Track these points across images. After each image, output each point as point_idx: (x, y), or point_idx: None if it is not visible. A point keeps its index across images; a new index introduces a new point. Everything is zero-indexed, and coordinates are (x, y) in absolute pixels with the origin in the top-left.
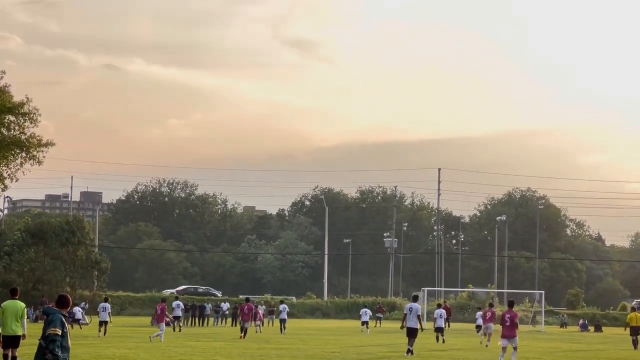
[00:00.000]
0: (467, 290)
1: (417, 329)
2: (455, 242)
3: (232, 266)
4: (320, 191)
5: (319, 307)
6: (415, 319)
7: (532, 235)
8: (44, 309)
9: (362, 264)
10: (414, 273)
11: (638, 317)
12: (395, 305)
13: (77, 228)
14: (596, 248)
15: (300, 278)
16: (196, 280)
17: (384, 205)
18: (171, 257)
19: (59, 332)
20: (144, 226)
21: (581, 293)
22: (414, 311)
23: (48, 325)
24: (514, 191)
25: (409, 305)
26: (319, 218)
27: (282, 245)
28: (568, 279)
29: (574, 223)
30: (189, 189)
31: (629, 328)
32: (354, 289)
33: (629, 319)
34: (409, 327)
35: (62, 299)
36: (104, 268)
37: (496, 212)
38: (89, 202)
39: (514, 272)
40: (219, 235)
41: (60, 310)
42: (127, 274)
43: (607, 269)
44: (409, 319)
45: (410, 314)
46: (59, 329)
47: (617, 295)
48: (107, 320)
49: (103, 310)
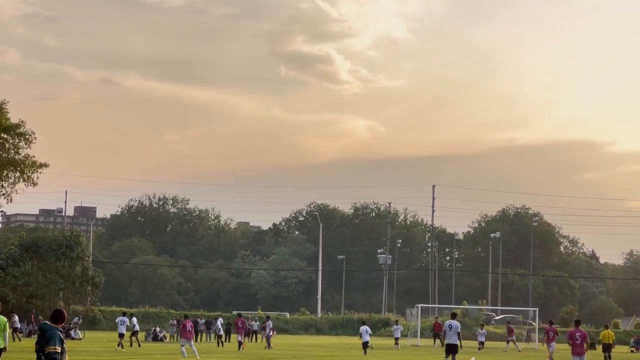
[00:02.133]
0: (461, 307)
1: (457, 346)
2: (449, 259)
3: (225, 282)
4: (315, 207)
5: (313, 323)
6: (455, 336)
7: (526, 252)
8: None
9: (355, 280)
10: (407, 290)
11: (610, 334)
12: (388, 322)
13: (74, 243)
14: (590, 265)
15: (294, 294)
16: (190, 296)
17: (378, 221)
18: (165, 272)
19: (59, 350)
20: (137, 241)
21: (575, 310)
22: (453, 328)
23: (47, 342)
24: (508, 208)
25: (449, 322)
26: (313, 234)
27: (275, 261)
28: (562, 297)
29: (568, 240)
30: (180, 203)
31: (601, 345)
32: (347, 305)
33: (601, 336)
34: (449, 343)
35: (57, 314)
36: (98, 283)
37: (490, 229)
38: (83, 217)
39: (507, 289)
40: (213, 251)
41: (56, 325)
42: (121, 289)
43: (600, 286)
44: (448, 335)
45: (450, 330)
46: (58, 346)
47: (611, 313)
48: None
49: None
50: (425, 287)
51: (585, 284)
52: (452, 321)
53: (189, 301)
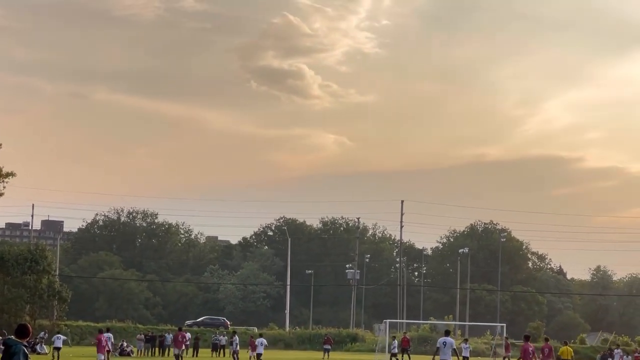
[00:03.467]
0: (428, 323)
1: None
2: (417, 274)
3: (194, 296)
4: (284, 222)
5: (281, 338)
6: (449, 352)
7: (494, 268)
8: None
9: (324, 295)
10: (375, 305)
11: (569, 350)
12: (357, 337)
13: (40, 257)
14: (557, 281)
15: (262, 309)
16: (157, 310)
17: (346, 236)
18: (132, 286)
19: None
20: (105, 255)
21: (542, 326)
22: (448, 344)
23: (11, 357)
24: (476, 224)
25: (443, 339)
26: (282, 249)
27: (244, 275)
28: (529, 312)
29: (536, 256)
30: (149, 217)
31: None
32: (315, 320)
33: (560, 352)
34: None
35: (22, 329)
36: (65, 297)
37: (458, 244)
38: (50, 231)
39: (475, 304)
40: (182, 265)
41: (21, 340)
42: (88, 304)
43: (567, 302)
44: (442, 352)
45: (444, 347)
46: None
47: (578, 328)
48: None
49: None
50: (394, 302)
51: (552, 299)
52: (447, 338)
53: (156, 315)
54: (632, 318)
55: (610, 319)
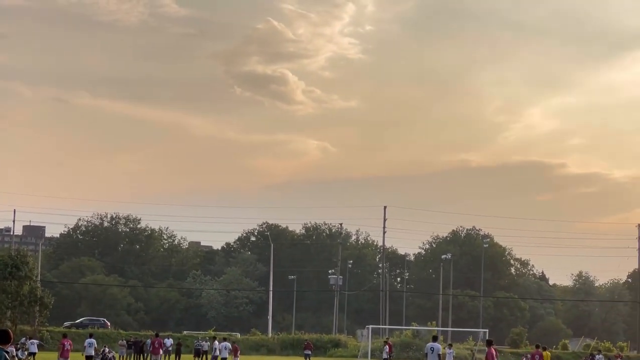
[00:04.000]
0: (411, 328)
1: None
2: (400, 280)
3: (176, 302)
4: (266, 227)
5: (264, 344)
6: (436, 358)
7: (476, 273)
8: None
9: (306, 301)
10: (358, 310)
11: (547, 355)
12: (339, 343)
13: (21, 263)
14: (540, 287)
15: (245, 314)
16: (140, 316)
17: (329, 242)
18: (114, 292)
19: None
20: (87, 261)
21: (524, 332)
22: (435, 350)
23: None
24: (459, 229)
25: (431, 344)
26: (265, 254)
27: (226, 281)
28: (512, 318)
29: (519, 262)
30: (132, 223)
31: None
32: (298, 325)
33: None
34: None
35: (3, 335)
36: (47, 303)
37: (441, 250)
38: (32, 237)
39: (458, 310)
40: (164, 271)
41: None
42: (70, 309)
43: (549, 308)
44: (430, 357)
45: (432, 353)
46: None
47: (560, 334)
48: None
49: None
50: (376, 308)
51: (535, 305)
52: (434, 344)
53: (139, 321)
54: (613, 324)
55: (592, 324)
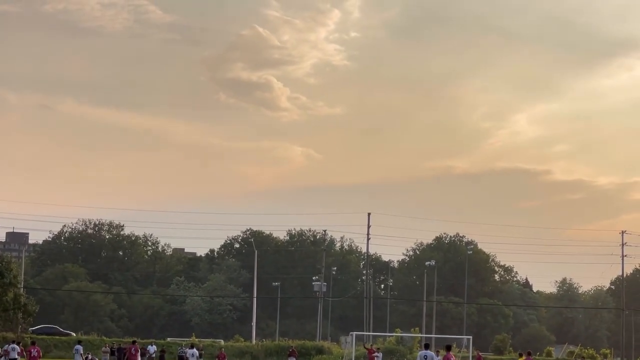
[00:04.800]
0: (395, 335)
1: None
2: (383, 287)
3: (160, 308)
4: (250, 234)
5: (248, 350)
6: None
7: (460, 280)
8: None
9: (290, 308)
10: (342, 317)
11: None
12: (323, 349)
13: (5, 269)
14: (523, 294)
15: (229, 321)
16: (123, 322)
17: (313, 248)
18: (98, 298)
19: None
20: (70, 267)
21: (508, 338)
22: (428, 357)
23: None
24: (442, 236)
25: (424, 352)
26: (248, 261)
27: (210, 287)
28: (495, 325)
29: (503, 269)
30: (115, 229)
31: None
32: (282, 332)
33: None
34: None
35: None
36: (31, 311)
37: (425, 256)
38: (15, 243)
39: (442, 317)
40: (148, 277)
41: None
42: (53, 316)
43: (533, 314)
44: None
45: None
46: None
47: (543, 340)
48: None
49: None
50: (360, 314)
51: (518, 312)
52: (427, 351)
53: (122, 328)
54: (597, 330)
55: (576, 331)
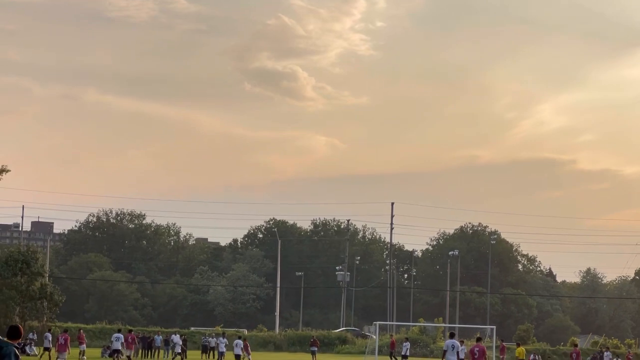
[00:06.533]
0: (418, 325)
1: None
2: (407, 276)
3: (183, 298)
4: (274, 223)
5: (271, 340)
6: (455, 356)
7: (483, 270)
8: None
9: (314, 297)
10: (365, 307)
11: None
12: (346, 339)
13: (31, 259)
14: (547, 284)
15: (252, 310)
16: (147, 311)
17: (336, 238)
18: (122, 288)
19: None
20: (94, 257)
21: (532, 328)
22: (455, 347)
23: (2, 358)
24: (466, 226)
25: (451, 341)
26: (272, 250)
27: (234, 277)
28: (519, 315)
29: (526, 258)
30: (137, 219)
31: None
32: (305, 322)
33: (517, 353)
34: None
35: (13, 331)
36: (57, 300)
37: (448, 246)
38: (40, 232)
39: (465, 306)
40: (171, 267)
41: (12, 341)
42: (78, 305)
43: (557, 304)
44: (451, 354)
45: (452, 350)
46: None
47: (567, 331)
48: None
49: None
50: (384, 304)
51: (542, 302)
52: (454, 341)
53: (146, 317)
54: (621, 321)
55: (600, 322)
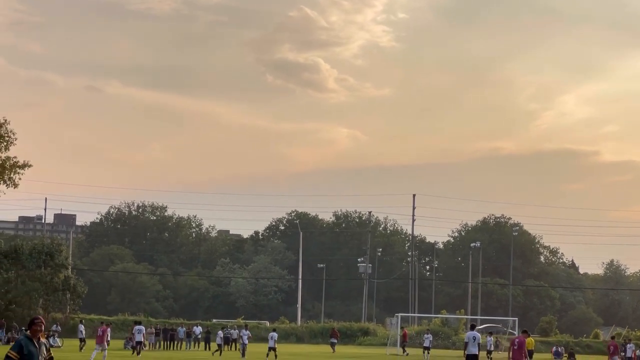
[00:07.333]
0: (440, 317)
1: (478, 356)
2: (428, 268)
3: (205, 290)
4: (296, 215)
5: (293, 332)
6: (476, 347)
7: (505, 262)
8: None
9: (336, 289)
10: (387, 298)
11: (531, 341)
12: (368, 331)
13: (55, 251)
14: (569, 275)
15: (274, 302)
16: (169, 303)
17: (358, 230)
18: (144, 280)
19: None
20: (116, 249)
21: (554, 320)
22: (477, 339)
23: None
24: (488, 218)
25: (472, 333)
26: (294, 242)
27: (255, 269)
28: (541, 306)
29: (548, 250)
30: (158, 211)
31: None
32: (327, 313)
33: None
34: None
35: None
36: (80, 292)
37: (470, 238)
38: (63, 224)
39: (487, 298)
40: (193, 259)
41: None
42: (100, 297)
43: (580, 296)
44: (472, 345)
45: (474, 341)
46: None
47: (590, 322)
48: None
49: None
50: (405, 296)
51: (565, 293)
52: (475, 332)
53: (168, 309)
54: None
55: (623, 313)
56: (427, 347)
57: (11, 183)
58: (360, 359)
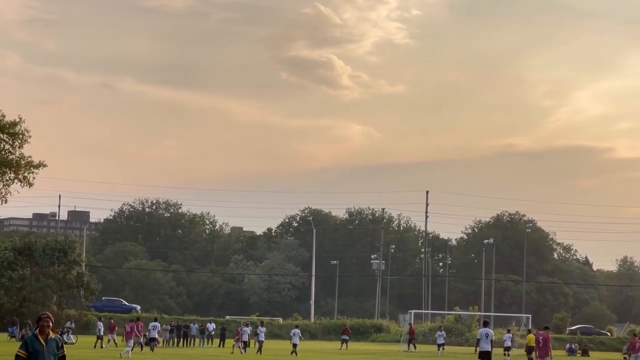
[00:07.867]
0: (453, 313)
1: (491, 353)
2: (442, 265)
3: (218, 287)
4: (309, 212)
5: (306, 329)
6: (490, 344)
7: (519, 258)
8: None
9: (349, 286)
10: (400, 295)
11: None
12: (381, 328)
13: (69, 248)
14: (583, 272)
15: (287, 299)
16: (182, 300)
17: (371, 227)
18: (158, 277)
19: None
20: (130, 246)
21: (568, 317)
22: (489, 336)
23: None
24: (502, 214)
25: (485, 330)
26: (307, 239)
27: (269, 266)
28: (555, 303)
29: (562, 247)
30: (172, 208)
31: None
32: (340, 310)
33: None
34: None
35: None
36: (94, 289)
37: (483, 235)
38: (77, 221)
39: (501, 295)
40: (206, 256)
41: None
42: (114, 294)
43: (593, 293)
44: (485, 342)
45: (487, 338)
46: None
47: (604, 319)
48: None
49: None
50: (419, 292)
51: (578, 290)
52: (488, 329)
53: (181, 305)
54: None
55: (637, 310)
56: (442, 344)
57: (26, 182)
58: (373, 356)
